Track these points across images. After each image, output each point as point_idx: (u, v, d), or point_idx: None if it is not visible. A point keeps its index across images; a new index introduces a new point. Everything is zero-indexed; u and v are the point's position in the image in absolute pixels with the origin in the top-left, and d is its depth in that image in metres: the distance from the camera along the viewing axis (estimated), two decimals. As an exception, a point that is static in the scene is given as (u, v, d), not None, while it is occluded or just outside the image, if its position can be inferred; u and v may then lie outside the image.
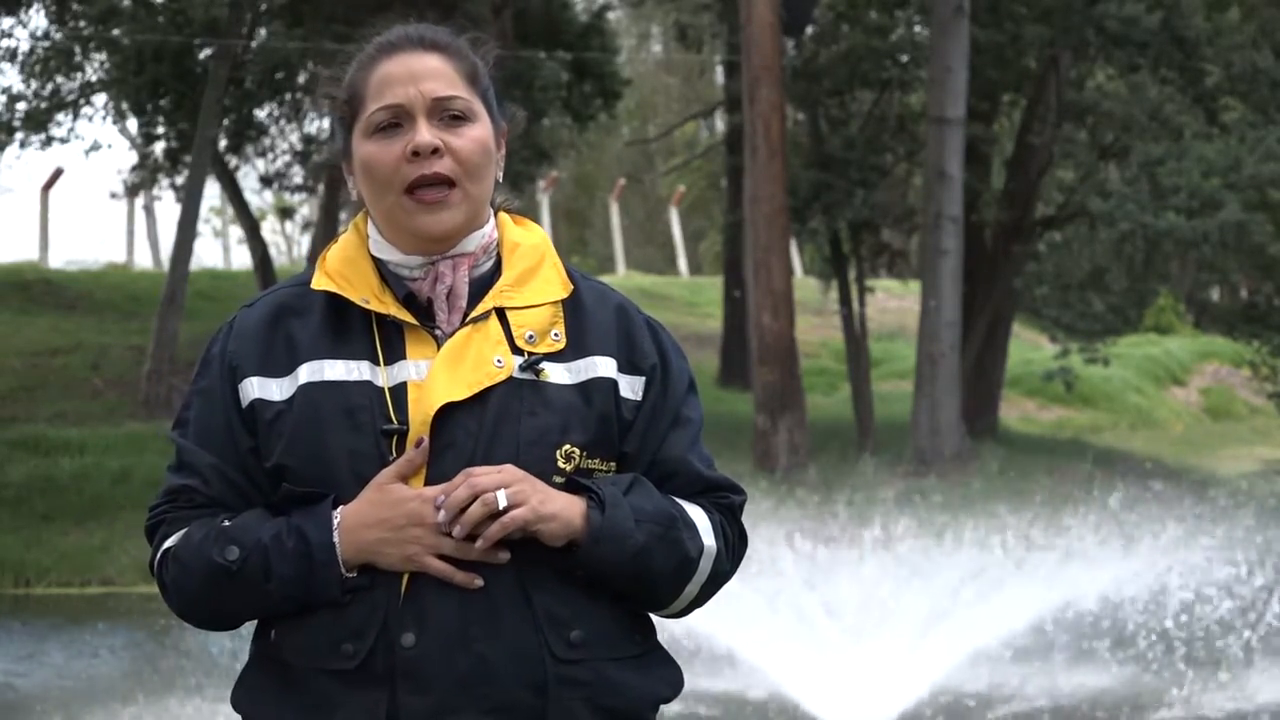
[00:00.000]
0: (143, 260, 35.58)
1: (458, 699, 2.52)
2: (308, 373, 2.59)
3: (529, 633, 2.54)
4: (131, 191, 28.41)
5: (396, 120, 2.62)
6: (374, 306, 2.61)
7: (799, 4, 21.35)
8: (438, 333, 2.61)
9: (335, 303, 2.63)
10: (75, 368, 21.82)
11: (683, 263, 38.89)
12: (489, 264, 2.68)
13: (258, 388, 2.61)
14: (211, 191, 29.41)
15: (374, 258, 2.66)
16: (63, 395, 20.76)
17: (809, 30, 22.94)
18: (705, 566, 2.65)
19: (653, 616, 2.72)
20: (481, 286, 2.65)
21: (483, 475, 2.52)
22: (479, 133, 2.65)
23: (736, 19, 21.11)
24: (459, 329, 2.61)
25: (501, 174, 2.74)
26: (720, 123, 35.50)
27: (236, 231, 35.83)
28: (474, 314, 2.61)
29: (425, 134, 2.60)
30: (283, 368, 2.61)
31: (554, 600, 2.56)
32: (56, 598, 14.64)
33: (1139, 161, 21.15)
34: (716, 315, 28.80)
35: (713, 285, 31.94)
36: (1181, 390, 33.55)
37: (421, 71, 2.63)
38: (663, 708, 2.70)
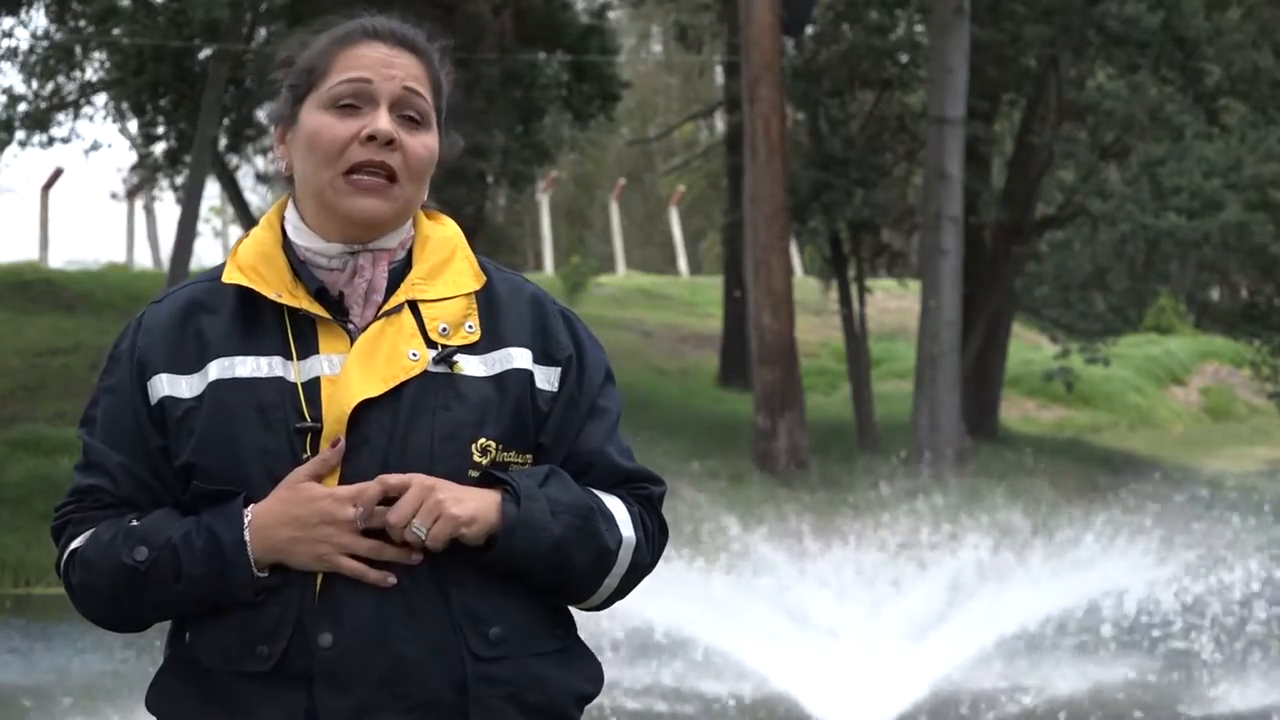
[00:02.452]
0: (143, 260, 35.64)
1: (378, 698, 2.48)
2: (218, 369, 2.55)
3: (447, 631, 2.51)
4: (131, 191, 28.42)
5: (357, 99, 2.58)
6: (286, 300, 2.57)
7: (799, 4, 21.34)
8: (350, 326, 2.58)
9: (247, 297, 2.58)
10: (75, 368, 21.82)
11: (683, 263, 38.91)
12: (401, 256, 2.64)
13: (166, 385, 2.56)
14: (211, 191, 29.43)
15: (288, 251, 2.62)
16: (63, 395, 20.76)
17: (809, 30, 22.94)
18: (625, 558, 2.62)
19: (573, 611, 2.70)
20: (394, 280, 2.61)
21: (390, 477, 2.49)
22: (431, 141, 2.62)
23: (736, 19, 21.11)
24: (372, 323, 2.57)
25: (428, 191, 2.70)
26: (720, 123, 35.51)
27: (236, 231, 35.83)
28: (386, 307, 2.58)
29: (384, 121, 2.56)
30: (192, 365, 2.56)
31: (472, 597, 2.52)
32: (56, 598, 14.60)
33: (1139, 162, 21.16)
34: (716, 315, 28.82)
35: (713, 285, 31.94)
36: (1181, 390, 33.57)
37: (396, 62, 2.60)
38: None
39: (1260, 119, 22.15)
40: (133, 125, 26.05)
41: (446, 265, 2.64)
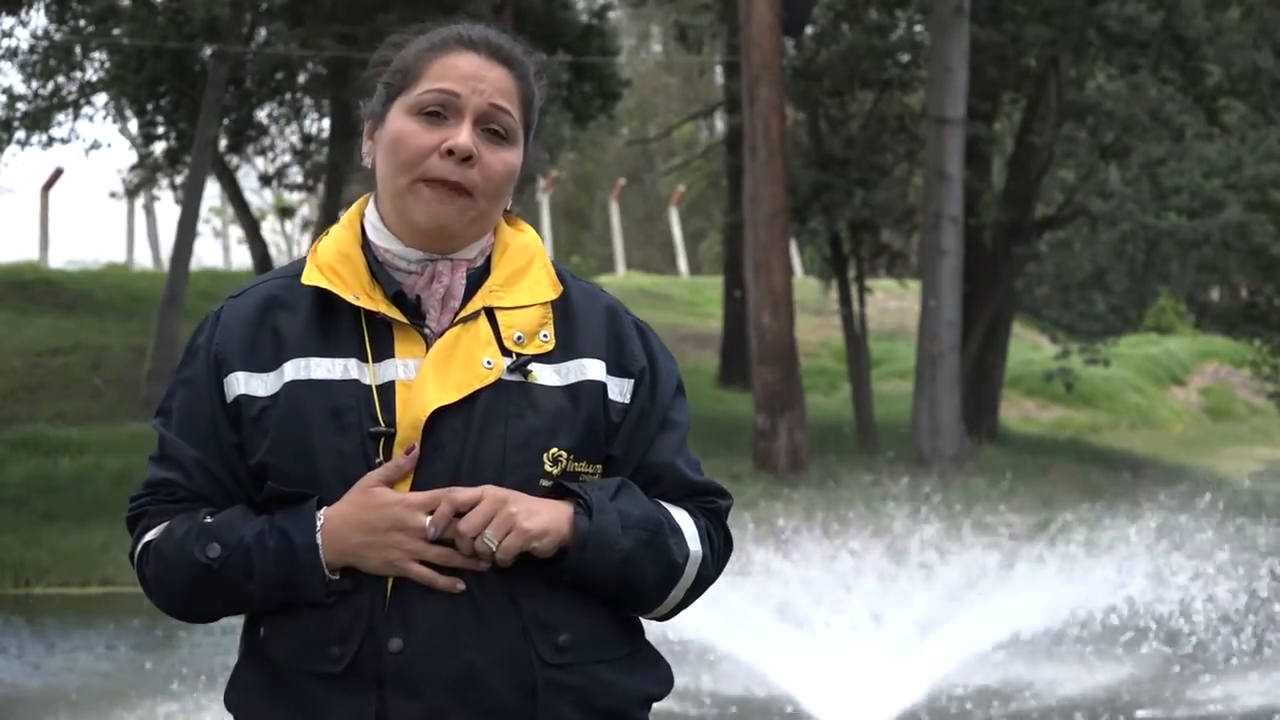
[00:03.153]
0: (143, 260, 35.63)
1: (447, 703, 2.50)
2: (293, 370, 2.56)
3: (517, 637, 2.52)
4: (131, 191, 28.43)
5: (442, 108, 2.59)
6: (364, 303, 2.57)
7: (799, 4, 21.34)
8: (426, 331, 2.58)
9: (325, 297, 2.59)
10: (75, 368, 21.82)
11: (683, 263, 38.91)
12: (480, 263, 2.65)
13: (243, 383, 2.57)
14: (211, 191, 29.43)
15: (367, 251, 2.63)
16: (63, 395, 20.77)
17: (809, 30, 22.94)
18: (691, 571, 2.64)
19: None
20: (471, 286, 2.62)
21: (462, 492, 2.50)
22: (513, 158, 2.63)
23: (736, 19, 21.11)
24: (448, 328, 2.58)
25: (510, 200, 2.72)
26: (720, 123, 35.51)
27: (236, 231, 35.86)
28: (463, 313, 2.59)
29: (465, 137, 2.57)
30: (268, 363, 2.57)
31: (541, 604, 2.54)
32: (56, 598, 14.64)
33: (1139, 162, 21.16)
34: (716, 315, 28.82)
35: (713, 285, 31.95)
36: (1181, 390, 33.58)
37: (487, 76, 2.60)
38: (658, 706, 2.70)
39: (1260, 119, 22.16)
40: (133, 125, 26.07)
41: (524, 273, 2.65)
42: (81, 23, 23.00)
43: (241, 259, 35.90)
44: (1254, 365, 26.02)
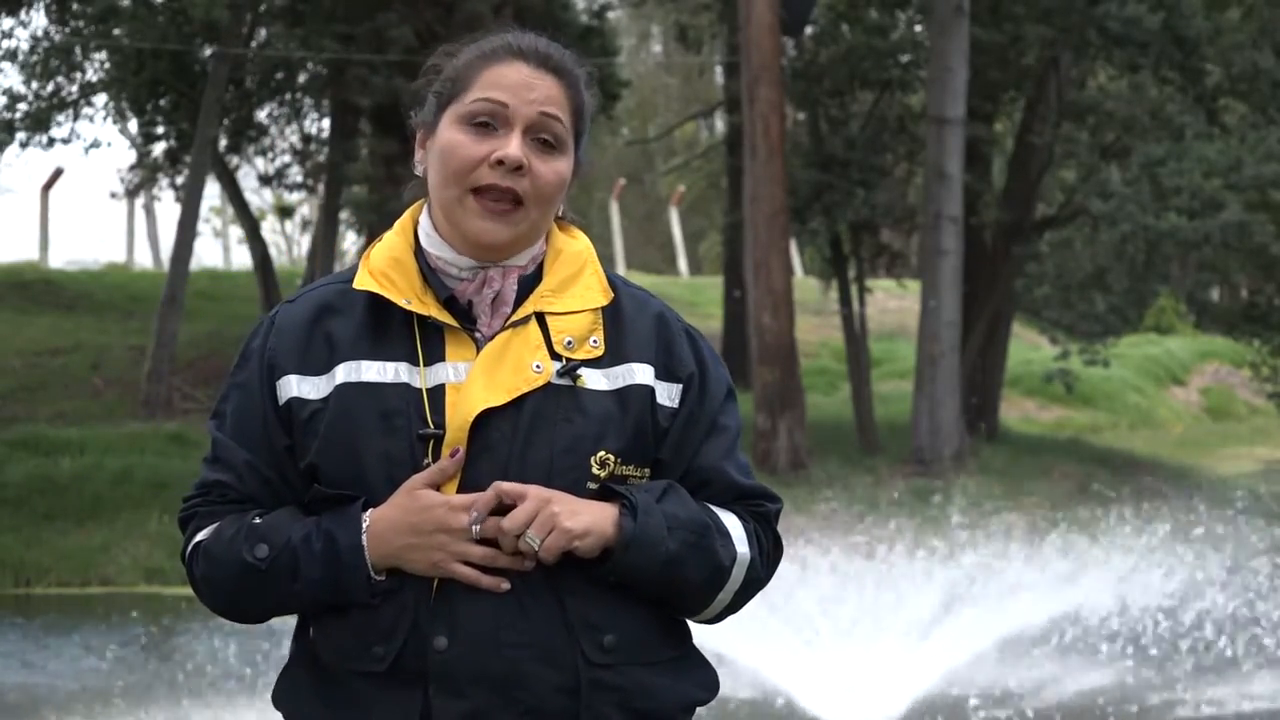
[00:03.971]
0: (143, 260, 35.64)
1: (490, 702, 2.52)
2: (345, 372, 2.59)
3: (562, 637, 2.54)
4: (131, 191, 28.43)
5: (492, 118, 2.61)
6: (415, 308, 2.60)
7: (799, 4, 21.34)
8: (478, 335, 2.61)
9: (377, 302, 2.62)
10: (75, 368, 21.83)
11: (683, 263, 38.89)
12: (531, 269, 2.68)
13: (295, 386, 2.61)
14: (211, 191, 29.43)
15: (419, 256, 2.65)
16: (63, 395, 20.77)
17: (809, 30, 22.93)
18: (738, 574, 2.66)
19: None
20: (523, 291, 2.65)
21: (507, 484, 2.53)
22: (563, 166, 2.65)
23: (736, 19, 21.11)
24: (499, 332, 2.61)
25: (563, 209, 2.74)
26: (720, 123, 35.51)
27: (236, 231, 35.86)
28: (514, 317, 2.61)
29: (515, 147, 2.59)
30: (320, 366, 2.61)
31: (587, 604, 2.56)
32: (56, 598, 14.64)
33: (1140, 162, 21.13)
34: (716, 315, 28.80)
35: (713, 285, 31.94)
36: (1181, 390, 33.56)
37: (536, 86, 2.63)
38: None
39: (1260, 119, 22.13)
40: (133, 125, 26.08)
41: (576, 279, 2.68)
42: (81, 23, 23.01)
43: (241, 259, 35.88)
44: (1254, 366, 26.01)
